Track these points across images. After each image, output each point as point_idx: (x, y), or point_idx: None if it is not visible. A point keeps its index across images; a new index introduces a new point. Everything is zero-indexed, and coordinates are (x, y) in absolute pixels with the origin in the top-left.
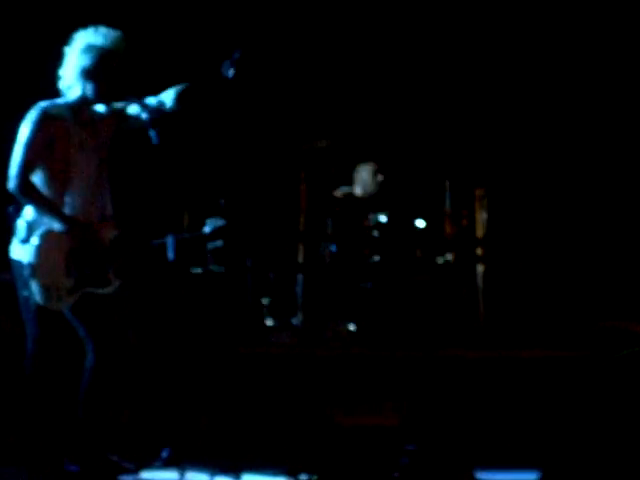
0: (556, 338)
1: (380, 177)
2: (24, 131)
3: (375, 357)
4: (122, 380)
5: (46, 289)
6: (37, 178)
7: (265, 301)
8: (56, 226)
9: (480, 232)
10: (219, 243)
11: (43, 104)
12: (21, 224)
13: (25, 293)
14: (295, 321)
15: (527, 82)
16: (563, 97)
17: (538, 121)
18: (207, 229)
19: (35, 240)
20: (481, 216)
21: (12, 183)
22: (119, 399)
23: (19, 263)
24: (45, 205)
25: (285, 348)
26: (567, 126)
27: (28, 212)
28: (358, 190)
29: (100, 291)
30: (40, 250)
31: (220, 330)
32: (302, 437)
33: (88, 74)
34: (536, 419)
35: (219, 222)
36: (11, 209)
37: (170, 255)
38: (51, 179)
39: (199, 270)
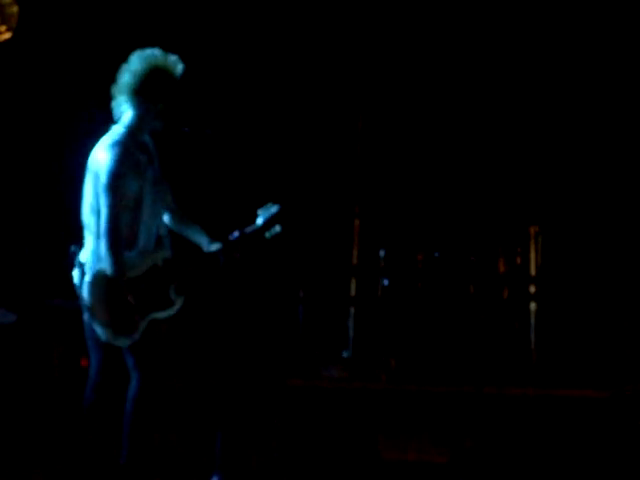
0: (608, 378)
1: None
2: (115, 173)
3: (424, 393)
4: (169, 408)
5: (107, 327)
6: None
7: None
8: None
9: (533, 270)
10: (278, 229)
11: (121, 139)
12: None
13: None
14: (346, 354)
15: (582, 122)
16: (621, 137)
17: (592, 160)
18: (260, 220)
19: (87, 279)
20: (535, 254)
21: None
22: (166, 427)
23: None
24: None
25: (335, 381)
26: (621, 165)
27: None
28: None
29: (164, 315)
30: (94, 291)
31: (270, 361)
32: (350, 471)
33: (141, 94)
34: (585, 458)
35: (272, 209)
36: (73, 248)
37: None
38: (124, 211)
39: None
